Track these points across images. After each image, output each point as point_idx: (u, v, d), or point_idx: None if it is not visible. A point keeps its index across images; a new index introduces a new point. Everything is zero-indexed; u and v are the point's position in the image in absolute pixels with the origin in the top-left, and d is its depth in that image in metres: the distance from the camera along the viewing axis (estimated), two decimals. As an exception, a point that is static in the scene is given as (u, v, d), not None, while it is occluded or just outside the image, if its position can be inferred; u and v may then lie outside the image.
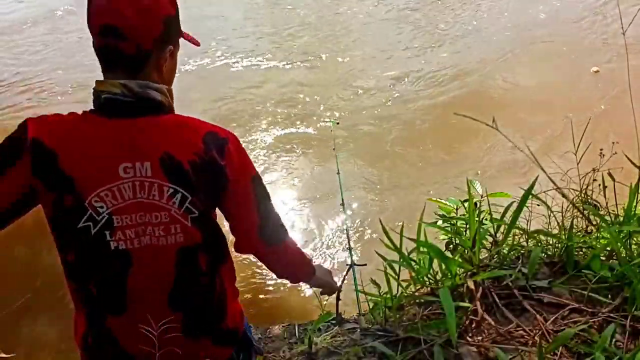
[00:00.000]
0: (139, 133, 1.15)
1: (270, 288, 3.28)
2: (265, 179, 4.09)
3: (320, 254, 3.53)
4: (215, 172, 1.18)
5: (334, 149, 2.66)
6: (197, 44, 1.31)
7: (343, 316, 1.94)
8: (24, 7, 7.21)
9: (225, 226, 1.32)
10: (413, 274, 1.48)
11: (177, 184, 1.15)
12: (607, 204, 1.63)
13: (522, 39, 5.87)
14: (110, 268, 1.20)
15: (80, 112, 1.17)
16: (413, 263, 1.50)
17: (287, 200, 3.95)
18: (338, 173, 2.43)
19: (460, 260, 1.48)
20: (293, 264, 1.39)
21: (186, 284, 1.23)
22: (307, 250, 3.54)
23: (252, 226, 1.27)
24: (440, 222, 1.77)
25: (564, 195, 1.50)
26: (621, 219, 1.51)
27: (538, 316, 1.27)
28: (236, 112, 5.01)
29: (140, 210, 1.16)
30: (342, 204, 2.29)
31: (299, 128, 4.76)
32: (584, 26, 6.00)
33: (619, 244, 1.36)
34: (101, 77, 1.19)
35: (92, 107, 1.15)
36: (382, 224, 1.52)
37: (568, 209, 1.62)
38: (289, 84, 5.43)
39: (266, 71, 5.69)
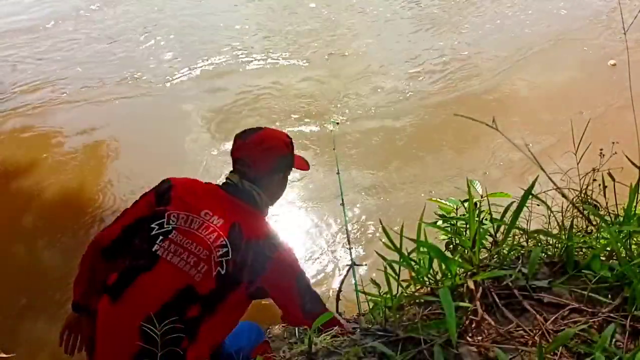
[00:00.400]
0: (230, 203, 1.58)
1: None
2: None
3: (323, 254, 3.53)
4: (260, 257, 1.49)
5: (334, 149, 2.68)
6: (307, 169, 1.81)
7: (343, 316, 1.94)
8: (49, 5, 7.24)
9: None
10: (413, 274, 1.48)
11: (230, 242, 1.47)
12: (607, 204, 1.63)
13: (542, 36, 5.84)
14: (139, 261, 1.46)
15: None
16: (413, 263, 1.50)
17: (294, 199, 3.95)
18: (338, 173, 2.49)
19: (460, 260, 1.48)
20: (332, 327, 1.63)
21: (167, 317, 1.38)
22: (310, 250, 3.54)
23: (297, 309, 1.57)
24: (440, 222, 1.77)
25: (564, 195, 1.50)
26: (621, 219, 1.51)
27: (538, 316, 1.26)
28: (254, 108, 5.03)
29: (192, 238, 1.46)
30: (342, 204, 2.32)
31: (314, 126, 4.76)
32: (603, 21, 5.99)
33: (619, 244, 1.36)
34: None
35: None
36: (382, 224, 1.52)
37: (568, 209, 1.62)
38: (307, 82, 5.45)
39: (286, 69, 5.71)
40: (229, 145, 4.02)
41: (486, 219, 1.62)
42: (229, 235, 1.49)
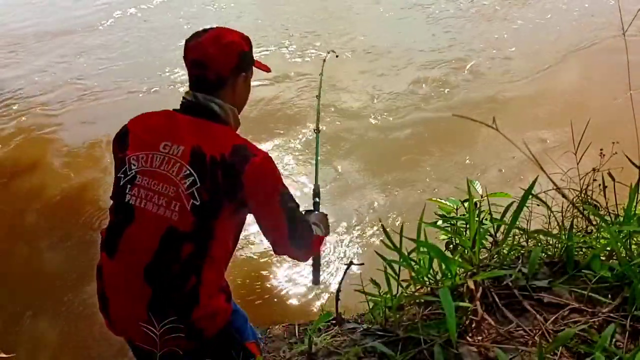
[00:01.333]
0: (189, 126, 1.43)
1: (271, 288, 3.28)
2: (289, 172, 4.07)
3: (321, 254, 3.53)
4: (231, 175, 1.37)
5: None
6: (268, 70, 1.66)
7: (343, 316, 1.94)
8: (106, 3, 7.31)
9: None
10: (413, 274, 1.48)
11: (194, 169, 1.37)
12: (607, 204, 1.63)
13: (590, 32, 5.74)
14: (119, 215, 1.45)
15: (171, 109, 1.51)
16: (413, 263, 1.50)
17: (300, 196, 3.96)
18: (317, 131, 2.35)
19: (460, 260, 1.48)
20: (316, 252, 1.62)
21: (162, 263, 1.38)
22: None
23: (282, 234, 1.46)
24: (440, 222, 1.77)
25: (564, 196, 1.50)
26: (621, 219, 1.51)
27: (538, 316, 1.26)
28: (283, 100, 5.04)
29: (157, 179, 1.39)
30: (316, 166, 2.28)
31: (344, 120, 4.74)
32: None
33: (619, 244, 1.36)
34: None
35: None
36: (382, 224, 1.52)
37: (568, 209, 1.62)
38: (338, 76, 5.44)
39: (313, 62, 5.69)
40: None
41: (486, 219, 1.62)
42: (191, 161, 1.38)
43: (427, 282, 1.51)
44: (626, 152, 1.63)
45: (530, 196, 1.40)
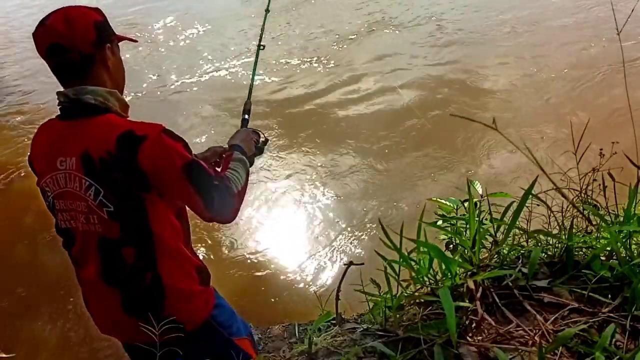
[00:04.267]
0: (72, 132, 1.35)
1: (270, 288, 3.28)
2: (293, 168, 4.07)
3: (321, 254, 3.53)
4: (127, 169, 1.29)
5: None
6: (134, 40, 1.56)
7: (343, 316, 1.94)
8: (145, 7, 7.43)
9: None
10: (413, 274, 1.48)
11: (91, 178, 1.31)
12: (607, 204, 1.63)
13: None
14: (63, 237, 1.47)
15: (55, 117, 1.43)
16: (413, 263, 1.50)
17: (292, 200, 3.95)
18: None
19: (460, 260, 1.48)
20: (241, 203, 1.47)
21: (112, 270, 1.39)
22: (308, 251, 3.53)
23: (198, 208, 1.38)
24: (440, 222, 1.77)
25: (563, 196, 1.50)
26: (621, 219, 1.51)
27: (538, 316, 1.26)
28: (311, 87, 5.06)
29: (69, 198, 1.37)
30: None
31: (344, 119, 4.75)
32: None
33: (619, 244, 1.36)
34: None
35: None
36: (381, 224, 1.52)
37: (568, 209, 1.62)
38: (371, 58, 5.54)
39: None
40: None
41: (486, 219, 1.62)
42: (85, 170, 1.30)
43: (427, 282, 1.51)
44: (626, 152, 1.63)
45: (530, 196, 1.40)
